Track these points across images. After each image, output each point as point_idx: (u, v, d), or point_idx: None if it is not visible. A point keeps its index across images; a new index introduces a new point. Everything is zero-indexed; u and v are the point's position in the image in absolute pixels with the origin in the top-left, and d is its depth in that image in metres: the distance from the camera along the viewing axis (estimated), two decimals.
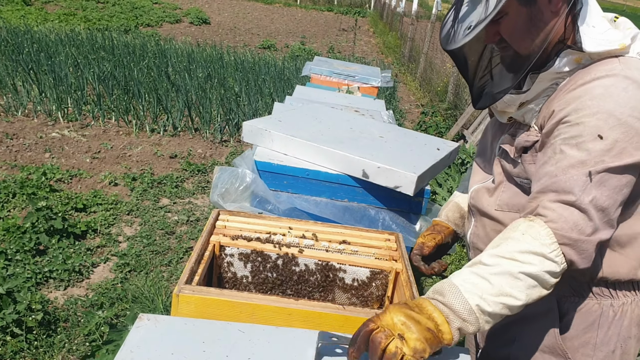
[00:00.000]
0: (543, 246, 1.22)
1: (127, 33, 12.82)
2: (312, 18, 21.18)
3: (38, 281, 3.47)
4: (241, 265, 1.80)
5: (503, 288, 1.20)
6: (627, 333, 1.50)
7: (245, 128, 2.43)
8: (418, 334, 1.12)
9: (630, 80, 1.27)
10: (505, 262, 1.22)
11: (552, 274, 1.24)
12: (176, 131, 6.59)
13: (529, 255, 1.22)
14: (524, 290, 1.22)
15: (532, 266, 1.22)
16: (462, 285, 1.20)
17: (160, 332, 1.26)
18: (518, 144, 1.45)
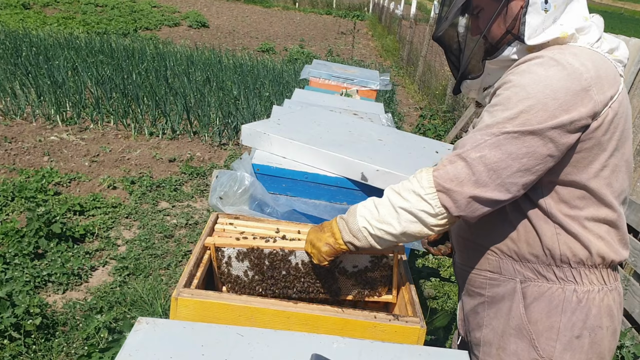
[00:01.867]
0: (421, 188, 1.40)
1: (125, 36, 12.83)
2: (310, 21, 21.21)
3: (37, 285, 3.46)
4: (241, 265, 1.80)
5: (384, 217, 1.44)
6: (596, 322, 1.51)
7: (244, 131, 2.43)
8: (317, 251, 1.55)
9: (555, 62, 1.33)
10: (392, 195, 1.45)
11: (428, 214, 1.40)
12: (175, 134, 6.59)
13: (409, 194, 1.42)
14: (401, 221, 1.42)
15: (408, 202, 1.41)
16: (359, 210, 1.49)
17: (159, 336, 1.25)
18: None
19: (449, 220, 1.41)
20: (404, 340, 1.41)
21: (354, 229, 1.48)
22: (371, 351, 1.30)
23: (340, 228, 1.51)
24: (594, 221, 1.46)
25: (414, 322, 1.45)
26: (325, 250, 1.53)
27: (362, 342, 1.33)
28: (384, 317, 1.44)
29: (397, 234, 1.44)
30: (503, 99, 1.36)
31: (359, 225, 1.47)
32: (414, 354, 1.32)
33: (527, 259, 1.51)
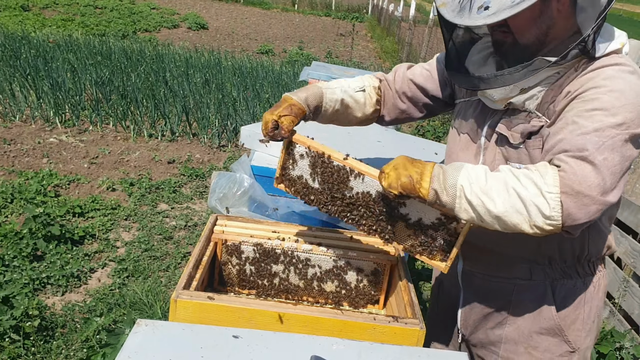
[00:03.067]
0: (544, 184, 1.29)
1: (124, 38, 12.83)
2: (309, 23, 21.23)
3: (35, 287, 3.45)
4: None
5: (491, 190, 1.32)
6: (601, 303, 1.71)
7: (243, 133, 2.44)
8: (396, 177, 1.41)
9: (633, 69, 1.40)
10: (509, 175, 1.33)
11: (540, 212, 1.29)
12: (174, 136, 6.59)
13: (529, 182, 1.30)
14: (506, 203, 1.31)
15: (525, 190, 1.30)
16: (466, 169, 1.36)
17: (158, 338, 1.25)
18: (525, 130, 1.49)
19: (554, 229, 1.31)
20: (404, 342, 1.41)
21: (450, 182, 1.35)
22: (371, 353, 1.30)
23: (434, 174, 1.37)
24: (608, 217, 1.63)
25: (414, 323, 1.44)
26: (403, 182, 1.39)
27: (361, 344, 1.33)
28: (383, 319, 1.44)
29: (492, 213, 1.32)
30: (604, 104, 1.33)
31: (458, 182, 1.35)
32: (413, 355, 1.32)
33: (557, 262, 1.60)
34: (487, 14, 1.33)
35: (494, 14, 1.32)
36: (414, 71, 1.87)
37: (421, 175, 1.38)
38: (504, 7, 1.32)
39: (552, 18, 1.41)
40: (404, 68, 1.90)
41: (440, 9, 1.45)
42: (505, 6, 1.32)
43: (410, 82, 1.85)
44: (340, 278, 1.81)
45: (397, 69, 1.92)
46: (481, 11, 1.35)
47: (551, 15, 1.41)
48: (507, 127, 1.53)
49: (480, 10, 1.35)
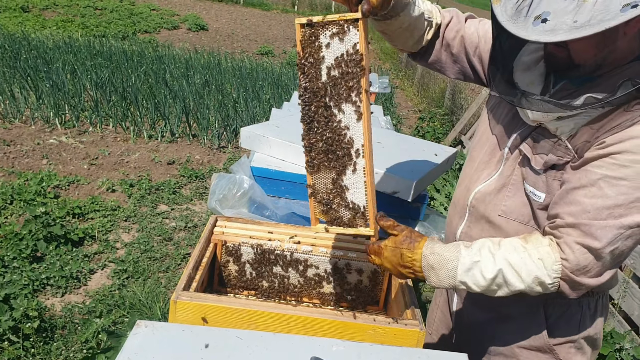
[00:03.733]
0: (547, 277, 1.34)
1: (124, 39, 12.83)
2: None
3: (35, 288, 3.45)
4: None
5: (490, 287, 1.38)
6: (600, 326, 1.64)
7: (243, 134, 2.44)
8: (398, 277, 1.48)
9: None
10: (509, 271, 1.36)
11: (532, 293, 1.39)
12: (174, 137, 6.59)
13: (529, 277, 1.35)
14: (504, 293, 1.39)
15: (524, 285, 1.36)
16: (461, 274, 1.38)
17: (158, 339, 1.25)
18: (550, 161, 1.41)
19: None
20: (403, 343, 1.41)
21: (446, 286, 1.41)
22: (370, 354, 1.30)
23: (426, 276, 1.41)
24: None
25: (413, 325, 1.44)
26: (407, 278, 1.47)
27: (361, 345, 1.33)
28: (383, 320, 1.44)
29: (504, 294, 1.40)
30: (634, 173, 1.26)
31: (457, 286, 1.40)
32: (413, 356, 1.32)
33: None
34: (543, 30, 1.18)
35: (551, 31, 1.17)
36: (467, 30, 1.68)
37: (415, 276, 1.44)
38: (563, 27, 1.16)
39: (616, 41, 1.25)
40: (462, 19, 1.70)
41: (494, 6, 1.31)
42: (565, 26, 1.16)
43: (461, 38, 1.69)
44: (340, 279, 1.81)
45: (454, 16, 1.71)
46: (537, 23, 1.19)
47: (615, 39, 1.24)
48: (532, 150, 1.45)
49: (537, 22, 1.20)
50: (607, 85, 1.27)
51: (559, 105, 1.30)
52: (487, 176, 1.59)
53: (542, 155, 1.43)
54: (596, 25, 1.12)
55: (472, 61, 1.70)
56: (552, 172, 1.42)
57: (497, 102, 1.64)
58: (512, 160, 1.52)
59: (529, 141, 1.47)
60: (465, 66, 1.72)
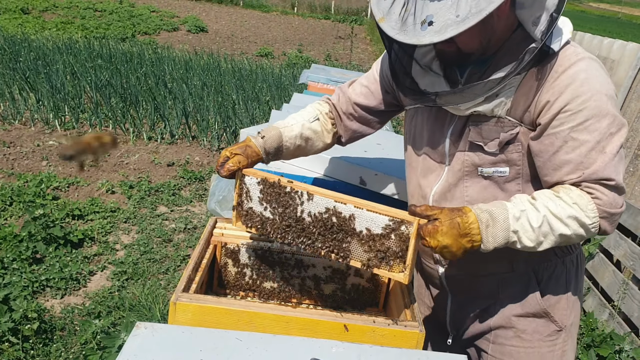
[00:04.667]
0: (587, 218, 1.42)
1: (124, 41, 12.84)
2: (309, 26, 21.27)
3: (35, 290, 3.45)
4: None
5: (539, 237, 1.42)
6: (581, 279, 1.77)
7: (242, 136, 2.44)
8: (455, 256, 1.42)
9: (593, 59, 1.45)
10: (552, 219, 1.42)
11: (578, 237, 1.46)
12: (173, 139, 6.59)
13: (572, 221, 1.42)
14: (550, 242, 1.44)
15: (569, 229, 1.42)
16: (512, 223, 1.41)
17: (158, 341, 1.25)
18: (503, 140, 1.50)
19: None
20: (403, 345, 1.41)
21: (502, 242, 1.42)
22: (370, 355, 1.30)
23: (483, 238, 1.41)
24: None
25: (413, 326, 1.44)
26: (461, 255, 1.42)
27: (361, 347, 1.33)
28: (382, 322, 1.44)
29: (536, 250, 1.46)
30: (593, 110, 1.40)
31: (510, 240, 1.42)
32: (412, 358, 1.32)
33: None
34: (433, 31, 1.29)
35: (440, 31, 1.28)
36: (354, 90, 1.87)
37: (473, 243, 1.41)
38: (449, 24, 1.28)
39: (493, 24, 1.38)
40: (345, 88, 1.90)
41: (381, 25, 1.40)
42: (451, 22, 1.27)
43: (353, 104, 1.86)
44: (340, 280, 1.81)
45: (339, 91, 1.92)
46: (425, 27, 1.30)
47: (492, 23, 1.37)
48: (480, 136, 1.53)
49: (425, 26, 1.30)
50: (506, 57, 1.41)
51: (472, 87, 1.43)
52: (437, 177, 1.65)
53: (494, 139, 1.51)
54: (478, 14, 1.26)
55: (373, 108, 1.84)
56: (509, 147, 1.51)
57: (413, 112, 1.73)
58: (458, 154, 1.59)
59: (472, 130, 1.54)
60: (374, 117, 1.88)
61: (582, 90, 1.39)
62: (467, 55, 1.45)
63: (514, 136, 1.50)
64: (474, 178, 1.58)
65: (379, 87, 1.82)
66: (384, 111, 1.86)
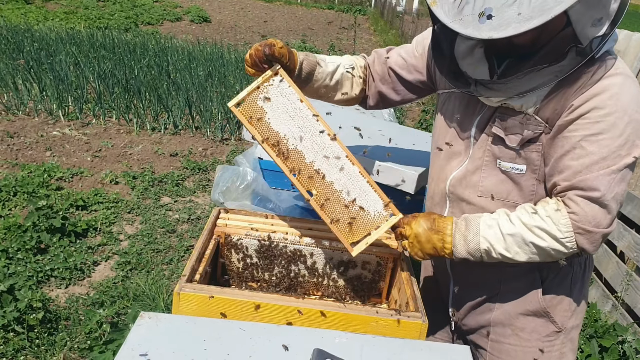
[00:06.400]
0: (558, 232, 1.42)
1: (127, 31, 12.81)
2: (312, 16, 21.16)
3: (39, 279, 3.47)
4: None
5: (511, 246, 1.46)
6: (587, 282, 1.74)
7: None
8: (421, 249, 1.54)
9: (631, 78, 1.40)
10: (523, 229, 1.44)
11: (558, 253, 1.45)
12: (177, 129, 6.59)
13: (544, 233, 1.43)
14: (528, 253, 1.46)
15: (542, 241, 1.43)
16: (482, 230, 1.48)
17: (162, 331, 1.26)
18: (525, 137, 1.48)
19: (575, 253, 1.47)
20: (406, 335, 1.42)
21: (473, 248, 1.49)
22: (373, 346, 1.30)
23: (455, 241, 1.51)
24: None
25: (416, 317, 1.45)
26: (429, 253, 1.55)
27: (364, 337, 1.33)
28: (386, 312, 1.45)
29: (518, 261, 1.48)
30: (609, 126, 1.37)
31: (481, 247, 1.48)
32: (415, 348, 1.33)
33: None
34: (492, 26, 1.26)
35: (500, 26, 1.25)
36: (391, 58, 1.85)
37: (444, 244, 1.52)
38: (510, 21, 1.24)
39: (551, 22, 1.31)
40: (383, 52, 1.89)
41: (433, 8, 1.37)
42: (512, 19, 1.24)
43: (388, 68, 1.85)
44: (343, 271, 1.81)
45: (376, 53, 1.90)
46: (483, 20, 1.27)
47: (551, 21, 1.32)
48: (503, 129, 1.52)
49: (483, 19, 1.27)
50: (548, 54, 1.36)
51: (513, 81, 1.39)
52: (459, 164, 1.65)
53: (516, 134, 1.49)
54: (542, 15, 1.22)
55: (406, 79, 1.83)
56: (529, 146, 1.50)
57: (446, 97, 1.72)
58: (480, 143, 1.59)
59: (497, 122, 1.53)
60: (404, 87, 1.86)
61: (608, 104, 1.36)
62: (516, 48, 1.41)
63: (537, 136, 1.48)
64: (492, 170, 1.57)
65: (417, 63, 1.80)
66: (415, 87, 1.85)
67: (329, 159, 1.59)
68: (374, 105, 1.94)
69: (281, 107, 1.59)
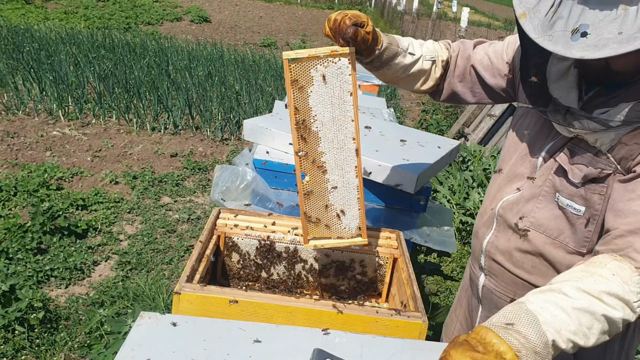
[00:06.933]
0: (631, 293, 1.14)
1: (127, 31, 12.81)
2: (312, 16, 21.16)
3: (39, 280, 3.47)
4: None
5: (581, 326, 1.10)
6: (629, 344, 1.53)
7: (246, 126, 2.43)
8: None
9: None
10: (589, 299, 1.12)
11: (624, 323, 1.16)
12: (177, 130, 6.59)
13: (615, 300, 1.13)
14: (597, 333, 1.12)
15: (616, 311, 1.13)
16: (540, 314, 1.08)
17: (161, 331, 1.26)
18: (589, 174, 1.33)
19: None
20: (406, 335, 1.42)
21: (539, 345, 1.05)
22: (373, 345, 1.30)
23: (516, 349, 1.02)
24: None
25: (416, 317, 1.45)
26: None
27: (364, 337, 1.33)
28: (386, 312, 1.44)
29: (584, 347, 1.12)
30: None
31: (548, 339, 1.06)
32: (415, 348, 1.33)
33: None
34: (586, 44, 1.09)
35: (596, 46, 1.08)
36: (477, 55, 1.70)
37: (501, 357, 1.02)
38: (608, 41, 1.07)
39: None
40: (470, 47, 1.73)
41: (521, 22, 1.22)
42: (610, 39, 1.07)
43: (470, 67, 1.71)
44: (343, 271, 1.81)
45: (462, 46, 1.75)
46: (577, 37, 1.10)
47: None
48: (569, 161, 1.37)
49: (576, 36, 1.10)
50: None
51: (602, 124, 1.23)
52: (519, 188, 1.53)
53: (580, 168, 1.34)
54: None
55: (488, 82, 1.69)
56: (592, 186, 1.33)
57: (523, 112, 1.58)
58: (544, 170, 1.46)
59: (566, 151, 1.39)
60: (482, 90, 1.73)
61: None
62: (614, 75, 1.25)
63: (604, 176, 1.32)
64: (549, 203, 1.44)
65: (504, 68, 1.65)
66: (495, 92, 1.71)
67: (338, 160, 1.57)
68: (444, 100, 1.80)
69: (329, 88, 1.50)
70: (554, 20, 1.16)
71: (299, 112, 1.51)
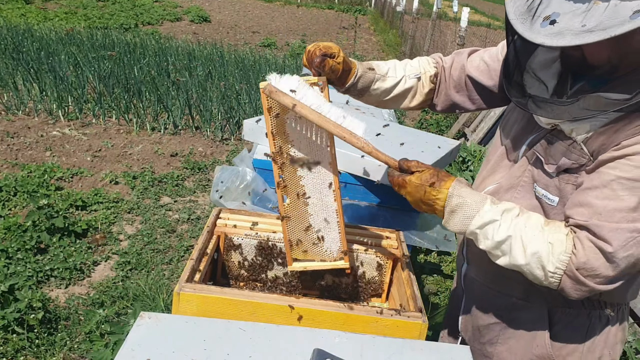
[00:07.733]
0: (550, 263, 1.28)
1: (127, 31, 12.81)
2: (312, 16, 21.16)
3: (39, 279, 3.47)
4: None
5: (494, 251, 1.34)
6: (614, 339, 1.55)
7: (245, 126, 2.43)
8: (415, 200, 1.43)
9: None
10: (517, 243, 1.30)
11: (534, 278, 1.33)
12: (177, 130, 6.59)
13: (534, 258, 1.29)
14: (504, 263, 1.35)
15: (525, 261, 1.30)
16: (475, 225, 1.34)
17: (161, 331, 1.26)
18: (563, 165, 1.36)
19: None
20: (406, 335, 1.42)
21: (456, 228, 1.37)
22: (373, 346, 1.30)
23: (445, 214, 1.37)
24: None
25: (416, 317, 1.45)
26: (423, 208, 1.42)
27: (364, 337, 1.33)
28: (386, 312, 1.44)
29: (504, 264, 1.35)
30: None
31: (468, 231, 1.37)
32: (415, 348, 1.32)
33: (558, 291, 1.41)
34: (550, 32, 1.13)
35: (557, 34, 1.12)
36: (472, 62, 1.72)
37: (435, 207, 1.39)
38: (570, 31, 1.11)
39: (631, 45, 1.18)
40: (464, 56, 1.74)
41: (507, 2, 1.27)
42: (573, 30, 1.11)
43: (466, 75, 1.72)
44: (343, 271, 1.81)
45: (457, 57, 1.76)
46: (545, 24, 1.15)
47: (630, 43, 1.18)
48: (545, 151, 1.40)
49: (545, 23, 1.15)
50: (625, 87, 1.20)
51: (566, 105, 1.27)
52: (500, 178, 1.55)
53: (555, 158, 1.37)
54: (602, 32, 1.08)
55: (485, 86, 1.70)
56: (566, 176, 1.37)
57: (513, 105, 1.60)
58: (523, 162, 1.48)
59: (543, 143, 1.41)
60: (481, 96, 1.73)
61: None
62: (591, 68, 1.28)
63: (576, 167, 1.34)
64: (527, 193, 1.47)
65: (499, 68, 1.65)
66: (493, 95, 1.70)
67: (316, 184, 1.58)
68: (443, 110, 1.82)
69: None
70: (532, 6, 1.21)
71: (276, 138, 1.53)
